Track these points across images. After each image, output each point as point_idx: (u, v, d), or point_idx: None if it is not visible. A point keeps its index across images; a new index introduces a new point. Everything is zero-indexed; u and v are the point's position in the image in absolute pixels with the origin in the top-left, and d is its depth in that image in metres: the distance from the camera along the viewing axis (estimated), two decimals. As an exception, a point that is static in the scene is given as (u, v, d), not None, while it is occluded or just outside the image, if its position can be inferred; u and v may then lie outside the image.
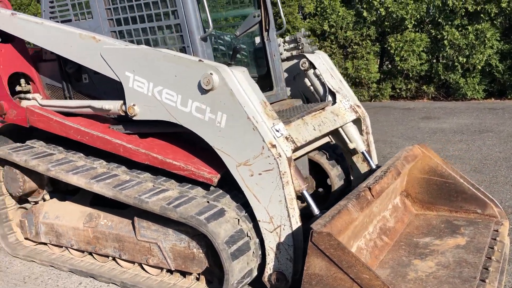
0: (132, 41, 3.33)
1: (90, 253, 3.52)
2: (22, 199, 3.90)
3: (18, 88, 3.86)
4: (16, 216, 3.89)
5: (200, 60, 2.83)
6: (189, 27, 3.06)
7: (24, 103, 3.71)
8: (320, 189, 4.25)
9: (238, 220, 2.85)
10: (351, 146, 3.75)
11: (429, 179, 3.91)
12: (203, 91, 2.79)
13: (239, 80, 2.81)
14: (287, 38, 3.95)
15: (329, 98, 3.76)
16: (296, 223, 2.73)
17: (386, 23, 11.35)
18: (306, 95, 3.98)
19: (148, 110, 3.04)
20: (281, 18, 3.87)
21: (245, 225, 2.85)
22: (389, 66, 12.43)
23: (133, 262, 3.29)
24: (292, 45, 3.93)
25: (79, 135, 3.38)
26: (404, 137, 7.34)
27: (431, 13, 10.85)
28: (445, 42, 10.46)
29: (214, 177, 2.93)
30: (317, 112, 3.44)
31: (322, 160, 4.00)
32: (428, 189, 3.90)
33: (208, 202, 2.92)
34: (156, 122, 3.08)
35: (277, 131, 2.79)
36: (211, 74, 2.72)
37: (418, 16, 10.83)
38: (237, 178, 2.81)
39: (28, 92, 3.89)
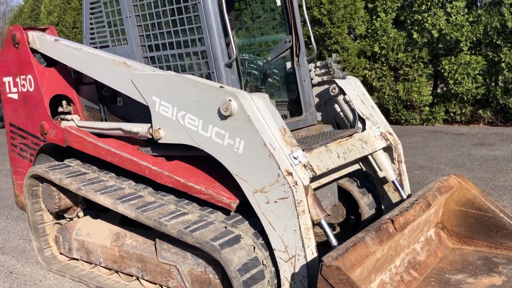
0: (162, 67, 3.43)
1: (117, 272, 3.60)
2: (59, 215, 4.07)
3: (60, 109, 4.07)
4: (52, 231, 4.06)
5: (221, 87, 2.87)
6: (214, 54, 3.11)
7: (63, 124, 3.90)
8: (352, 217, 4.14)
9: (254, 247, 2.83)
10: (380, 174, 3.63)
11: (467, 212, 3.71)
12: (223, 117, 2.82)
13: (258, 106, 2.81)
14: (318, 64, 3.92)
15: (359, 124, 3.67)
16: (312, 253, 2.67)
17: (440, 45, 11.01)
18: (337, 121, 3.92)
19: (172, 134, 3.10)
20: (312, 44, 3.84)
21: (260, 253, 2.82)
22: (444, 89, 12.03)
23: (155, 283, 3.32)
24: (323, 71, 3.90)
25: (110, 156, 3.50)
26: (452, 164, 7.03)
27: (489, 35, 10.43)
28: (503, 64, 10.00)
29: (233, 202, 2.93)
30: (344, 139, 3.37)
31: (352, 188, 3.91)
32: (465, 223, 3.70)
33: (225, 227, 2.92)
34: (182, 145, 3.13)
35: (295, 158, 2.76)
36: (230, 100, 2.75)
37: (474, 38, 10.45)
38: (253, 204, 2.80)
39: (69, 113, 4.09)
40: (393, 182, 3.63)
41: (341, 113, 3.81)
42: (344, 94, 3.72)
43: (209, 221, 2.98)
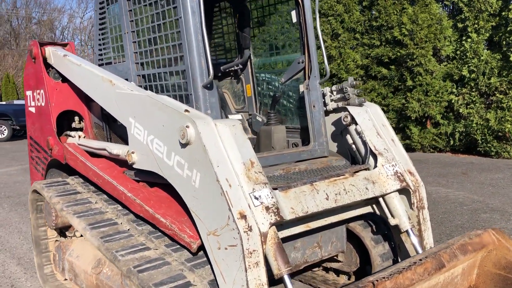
0: (151, 86, 3.21)
1: (96, 300, 3.40)
2: (62, 232, 3.99)
3: (73, 125, 4.03)
4: (54, 248, 3.99)
5: (186, 110, 2.55)
6: (192, 74, 2.81)
7: (69, 140, 3.83)
8: (369, 267, 3.55)
9: (206, 297, 2.44)
10: (392, 222, 3.04)
11: (506, 278, 2.99)
12: (182, 145, 2.49)
13: (221, 135, 2.45)
14: (334, 88, 3.44)
15: (371, 160, 3.13)
16: (260, 316, 2.22)
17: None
18: (352, 154, 3.39)
19: (143, 159, 2.85)
20: (325, 65, 3.37)
21: (213, 307, 2.43)
22: (544, 119, 10.56)
23: (123, 321, 3.05)
24: (339, 96, 3.41)
25: (96, 177, 3.34)
26: (531, 210, 5.99)
27: None
28: None
29: (193, 242, 2.57)
30: (341, 177, 2.86)
31: (364, 233, 3.34)
32: None
33: (182, 270, 2.57)
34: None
35: (256, 198, 2.35)
36: (187, 127, 2.42)
37: None
38: (207, 248, 2.42)
39: (81, 129, 4.03)
40: (407, 231, 3.02)
41: (353, 146, 3.29)
42: (356, 124, 3.20)
43: (168, 260, 2.65)
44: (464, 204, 6.33)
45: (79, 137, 3.79)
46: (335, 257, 3.53)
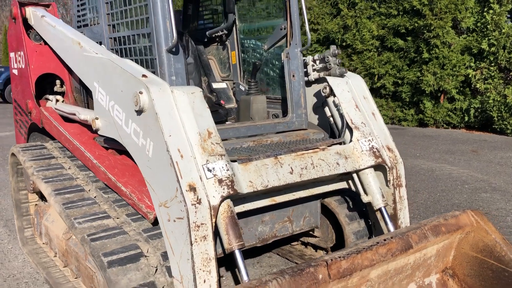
0: (121, 49, 3.08)
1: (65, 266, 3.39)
2: (43, 197, 3.98)
3: (55, 89, 3.95)
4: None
5: (143, 75, 2.43)
6: (157, 37, 2.67)
7: (48, 104, 3.77)
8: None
9: (156, 270, 2.37)
10: (365, 199, 2.91)
11: (483, 261, 2.85)
12: (137, 112, 2.39)
13: (178, 102, 2.33)
14: (316, 57, 3.27)
15: (347, 134, 2.98)
16: (207, 290, 2.15)
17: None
18: (331, 127, 3.24)
19: (106, 126, 2.75)
20: (306, 32, 3.19)
21: (163, 279, 2.36)
22: None
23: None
24: (321, 65, 3.24)
25: (67, 143, 3.28)
26: (535, 192, 5.76)
27: None
28: None
29: (150, 213, 2.50)
30: (311, 151, 2.72)
31: (339, 210, 3.22)
32: (480, 274, 2.86)
33: (137, 241, 2.50)
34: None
35: (209, 170, 2.24)
36: (140, 93, 2.31)
37: None
38: (159, 219, 2.34)
39: (63, 94, 3.96)
40: (380, 210, 2.89)
41: (331, 119, 3.13)
42: (335, 95, 3.04)
43: (125, 230, 2.59)
44: (466, 182, 6.13)
45: (57, 101, 3.72)
46: (311, 232, 3.44)
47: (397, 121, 12.08)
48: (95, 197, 2.99)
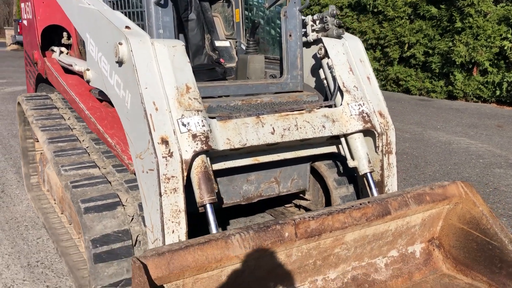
0: (116, 2, 3.08)
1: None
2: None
3: (62, 41, 4.01)
4: (41, 160, 4.13)
5: (126, 27, 2.43)
6: (145, -12, 2.65)
7: (53, 56, 3.84)
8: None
9: (132, 219, 2.44)
10: (351, 164, 2.87)
11: (469, 233, 2.81)
12: (119, 63, 2.40)
13: (158, 55, 2.33)
14: (315, 17, 3.17)
15: (339, 97, 2.92)
16: (173, 241, 2.19)
17: None
18: (326, 90, 3.18)
19: (95, 77, 2.79)
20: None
21: (138, 227, 2.43)
22: None
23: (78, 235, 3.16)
24: (320, 26, 3.15)
25: (65, 94, 3.35)
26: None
27: None
28: None
29: (131, 164, 2.55)
30: (296, 112, 2.69)
31: (328, 173, 3.19)
32: (466, 246, 2.83)
33: (118, 190, 2.57)
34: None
35: (184, 125, 2.25)
36: (119, 44, 2.31)
37: None
38: (135, 170, 2.39)
39: (70, 46, 4.01)
40: (365, 175, 2.85)
41: (325, 81, 3.07)
42: (329, 57, 2.97)
43: (108, 179, 2.66)
44: (482, 157, 5.96)
45: (61, 52, 3.78)
46: (301, 195, 3.44)
47: (425, 92, 11.76)
48: (87, 147, 3.07)
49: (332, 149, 3.03)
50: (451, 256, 2.91)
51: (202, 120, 2.30)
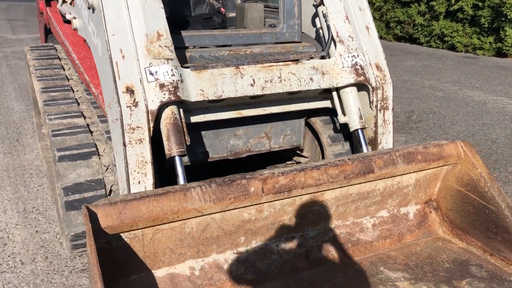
0: None
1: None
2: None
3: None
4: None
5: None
6: None
7: (57, 5, 3.82)
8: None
9: (107, 168, 2.43)
10: (341, 119, 2.72)
11: (466, 196, 2.65)
12: (92, 10, 2.34)
13: (128, 1, 2.24)
14: (316, -40, 2.95)
15: (332, 48, 2.74)
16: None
17: None
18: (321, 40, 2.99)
19: (80, 25, 2.75)
20: None
21: (112, 178, 2.42)
22: None
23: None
24: (321, -29, 2.93)
25: (63, 44, 3.34)
26: None
27: None
28: None
29: (110, 114, 2.52)
30: (281, 63, 2.55)
31: (323, 130, 3.05)
32: (462, 209, 2.67)
33: (98, 140, 2.56)
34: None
35: (152, 74, 2.18)
36: (89, -11, 2.24)
37: None
38: (108, 120, 2.36)
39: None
40: (356, 132, 2.70)
41: (321, 31, 2.88)
42: (324, 4, 2.77)
43: (90, 129, 2.66)
44: (516, 118, 5.57)
45: (64, 2, 3.75)
46: (298, 152, 3.33)
47: (472, 49, 11.05)
48: (79, 97, 3.07)
49: (325, 104, 2.88)
50: (447, 219, 2.76)
51: (171, 69, 2.22)
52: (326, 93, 2.82)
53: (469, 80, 7.80)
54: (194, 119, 2.50)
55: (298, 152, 3.32)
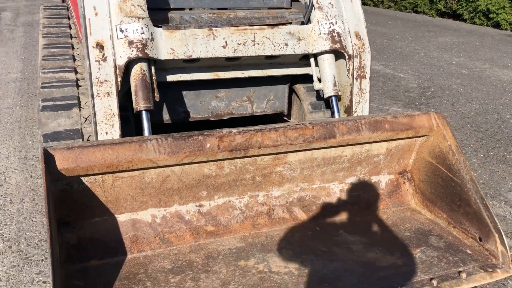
0: None
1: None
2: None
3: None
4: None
5: None
6: None
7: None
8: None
9: (86, 120, 2.61)
10: (316, 86, 2.77)
11: (436, 168, 2.68)
12: (75, -31, 2.47)
13: (105, -41, 2.36)
14: None
15: (312, 14, 2.76)
16: (105, 142, 2.33)
17: None
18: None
19: (74, -15, 2.90)
20: None
21: (90, 129, 2.60)
22: None
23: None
24: None
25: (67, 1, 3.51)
26: None
27: None
28: None
29: (94, 70, 2.68)
30: (256, 27, 2.61)
31: (305, 97, 3.10)
32: (433, 181, 2.71)
33: (82, 94, 2.74)
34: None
35: (122, 31, 2.31)
36: None
37: None
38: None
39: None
40: (330, 99, 2.74)
41: (305, -3, 2.90)
42: (308, -31, 2.78)
43: (79, 84, 2.84)
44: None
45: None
46: (285, 118, 3.40)
47: (517, 27, 10.55)
48: (78, 54, 3.25)
49: (306, 70, 2.93)
50: (419, 191, 2.79)
51: (142, 28, 2.34)
52: (307, 60, 2.86)
53: (503, 59, 7.49)
54: (170, 78, 2.62)
55: (285, 118, 3.39)
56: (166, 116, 2.82)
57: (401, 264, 2.27)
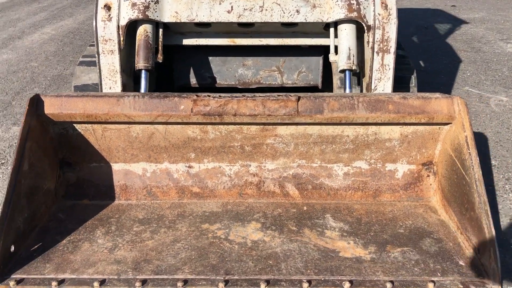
0: None
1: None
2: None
3: None
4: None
5: None
6: None
7: None
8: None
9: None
10: (331, 58, 2.54)
11: (454, 163, 2.33)
12: None
13: None
14: None
15: (333, -19, 2.53)
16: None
17: None
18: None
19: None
20: None
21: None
22: None
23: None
24: None
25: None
26: None
27: None
28: None
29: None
30: (266, -8, 2.50)
31: (336, 71, 2.83)
32: (451, 177, 2.39)
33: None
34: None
35: (127, -6, 2.46)
36: None
37: None
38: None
39: None
40: (344, 73, 2.50)
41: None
42: None
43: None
44: None
45: None
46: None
47: None
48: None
49: (326, 41, 2.72)
50: (440, 187, 2.45)
51: (151, -8, 2.45)
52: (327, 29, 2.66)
53: None
54: (186, 41, 2.70)
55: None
56: (193, 80, 2.92)
57: (366, 259, 2.05)
